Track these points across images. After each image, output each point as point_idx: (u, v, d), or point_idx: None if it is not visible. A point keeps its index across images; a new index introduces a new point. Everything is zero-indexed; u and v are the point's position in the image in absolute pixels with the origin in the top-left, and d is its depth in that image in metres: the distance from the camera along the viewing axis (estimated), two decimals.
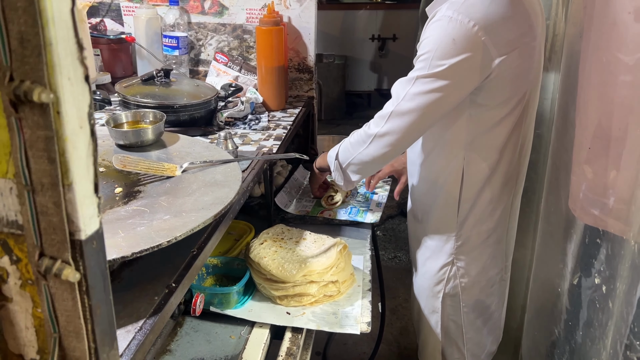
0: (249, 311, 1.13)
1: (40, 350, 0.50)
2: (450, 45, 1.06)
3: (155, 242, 0.78)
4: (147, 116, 1.26)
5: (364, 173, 1.31)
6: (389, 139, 1.18)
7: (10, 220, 0.45)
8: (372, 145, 1.21)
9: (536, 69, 1.20)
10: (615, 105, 0.98)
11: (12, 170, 0.43)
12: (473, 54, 1.06)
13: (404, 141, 1.20)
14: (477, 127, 1.20)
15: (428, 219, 1.36)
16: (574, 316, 1.18)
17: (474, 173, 1.25)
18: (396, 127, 1.16)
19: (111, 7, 1.92)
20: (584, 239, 1.14)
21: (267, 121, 1.58)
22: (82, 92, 0.41)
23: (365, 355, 2.16)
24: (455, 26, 1.05)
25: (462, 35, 1.05)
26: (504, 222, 1.34)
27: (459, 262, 1.33)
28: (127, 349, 0.68)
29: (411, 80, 1.12)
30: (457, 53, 1.06)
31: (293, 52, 1.85)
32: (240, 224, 1.45)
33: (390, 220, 3.26)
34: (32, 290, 0.47)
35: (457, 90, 1.12)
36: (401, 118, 1.15)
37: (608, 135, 1.01)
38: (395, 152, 1.22)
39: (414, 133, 1.19)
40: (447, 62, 1.07)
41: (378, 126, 1.18)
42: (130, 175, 1.03)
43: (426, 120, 1.15)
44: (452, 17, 1.05)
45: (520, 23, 1.11)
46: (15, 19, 0.37)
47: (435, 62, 1.08)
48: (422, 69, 1.10)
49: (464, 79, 1.10)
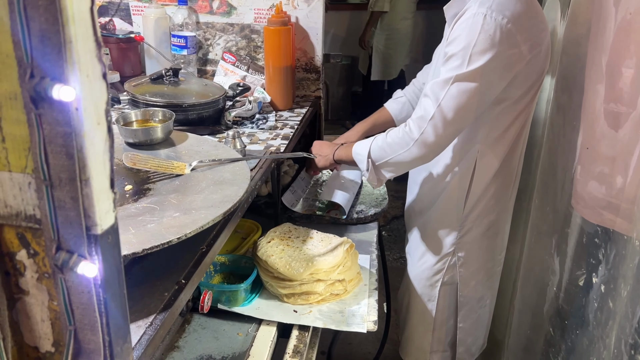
0: (256, 309, 1.14)
1: (55, 343, 0.51)
2: (487, 41, 1.09)
3: (165, 239, 0.79)
4: (156, 115, 1.27)
5: (397, 172, 1.30)
6: (432, 140, 1.18)
7: (28, 214, 0.46)
8: (415, 148, 1.20)
9: (546, 67, 1.24)
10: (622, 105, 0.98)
11: (31, 165, 0.44)
12: (508, 49, 1.10)
13: (446, 141, 1.21)
14: (495, 122, 1.24)
15: (432, 211, 1.39)
16: (570, 315, 1.18)
17: (485, 167, 1.28)
18: (440, 128, 1.16)
19: (120, 6, 1.93)
20: (581, 238, 1.14)
21: (274, 121, 1.59)
22: (99, 89, 0.42)
23: (370, 355, 2.17)
24: (490, 22, 1.08)
25: (498, 31, 1.08)
26: (504, 215, 1.40)
27: (459, 253, 1.38)
28: (138, 344, 0.69)
29: (449, 80, 1.13)
30: (493, 48, 1.09)
31: (300, 52, 1.86)
32: (248, 223, 1.46)
33: (396, 220, 3.26)
34: (48, 284, 0.48)
35: (494, 85, 1.14)
36: (443, 119, 1.15)
37: (614, 135, 1.01)
38: (437, 152, 1.23)
39: (457, 131, 1.20)
40: (485, 57, 1.09)
41: (420, 128, 1.18)
42: (139, 173, 1.04)
43: (468, 118, 1.17)
44: (485, 14, 1.09)
45: (540, 21, 1.17)
46: (37, 17, 0.38)
47: (473, 57, 1.10)
48: (459, 66, 1.12)
49: (501, 73, 1.13)
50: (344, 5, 5.06)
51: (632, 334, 0.89)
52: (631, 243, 0.93)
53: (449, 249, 1.39)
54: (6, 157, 0.44)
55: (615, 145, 1.01)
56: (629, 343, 0.90)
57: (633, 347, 0.89)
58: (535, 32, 1.14)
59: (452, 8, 1.22)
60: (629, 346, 0.90)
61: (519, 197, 1.57)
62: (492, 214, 1.36)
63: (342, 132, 2.00)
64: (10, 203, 0.46)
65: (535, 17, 1.16)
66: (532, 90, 1.22)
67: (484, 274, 1.44)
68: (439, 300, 1.43)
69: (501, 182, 1.33)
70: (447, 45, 1.16)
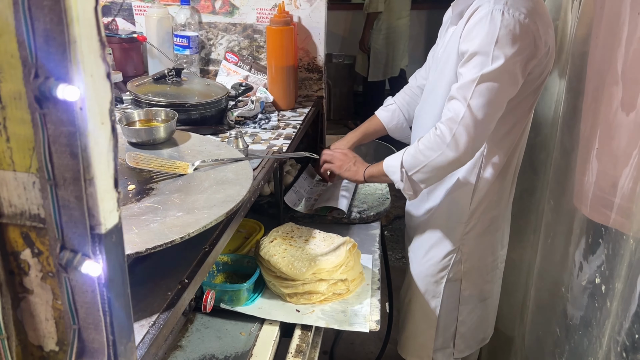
0: (259, 308, 1.14)
1: (59, 342, 0.51)
2: (509, 36, 1.10)
3: (168, 239, 0.79)
4: (159, 115, 1.27)
5: (433, 180, 1.28)
6: (465, 140, 1.18)
7: (32, 213, 0.46)
8: (447, 150, 1.19)
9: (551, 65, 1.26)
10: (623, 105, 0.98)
11: (36, 165, 0.44)
12: (528, 44, 1.12)
13: (480, 139, 1.21)
14: (502, 119, 1.24)
15: (438, 208, 1.40)
16: (574, 315, 1.18)
17: (491, 163, 1.30)
18: (471, 127, 1.16)
19: (123, 6, 1.93)
20: (587, 238, 1.14)
21: (277, 120, 1.59)
22: (103, 89, 0.43)
23: (372, 355, 2.17)
24: (509, 18, 1.10)
25: (518, 26, 1.10)
26: (505, 211, 1.42)
27: (463, 248, 1.39)
28: (142, 343, 0.69)
29: (475, 79, 1.13)
30: (516, 43, 1.10)
31: (303, 52, 1.86)
32: (250, 222, 1.46)
33: (398, 220, 3.26)
34: (52, 283, 0.48)
35: (517, 80, 1.15)
36: (473, 118, 1.15)
37: (613, 133, 1.01)
38: (473, 152, 1.22)
39: (488, 129, 1.20)
40: (508, 53, 1.10)
41: (452, 130, 1.18)
42: (142, 173, 1.04)
43: (497, 114, 1.18)
44: (503, 10, 1.10)
45: (547, 19, 1.19)
46: (42, 17, 0.38)
47: (497, 54, 1.10)
48: (483, 64, 1.12)
49: (523, 68, 1.14)
50: (346, 5, 5.06)
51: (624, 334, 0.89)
52: (627, 242, 0.93)
53: (454, 245, 1.40)
54: (11, 157, 0.44)
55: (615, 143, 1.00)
56: (621, 342, 0.90)
57: (624, 348, 0.89)
58: (546, 29, 1.16)
59: (458, 5, 1.23)
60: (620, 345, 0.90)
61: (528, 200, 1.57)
62: (495, 210, 1.38)
63: (344, 131, 2.00)
64: (14, 202, 0.46)
65: (544, 15, 1.18)
66: (539, 88, 1.24)
67: (486, 270, 1.45)
68: (444, 296, 1.44)
69: (504, 179, 1.35)
70: (463, 43, 1.16)
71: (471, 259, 1.41)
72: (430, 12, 4.86)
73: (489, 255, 1.44)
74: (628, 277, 0.90)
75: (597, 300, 1.06)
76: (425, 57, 1.56)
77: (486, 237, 1.40)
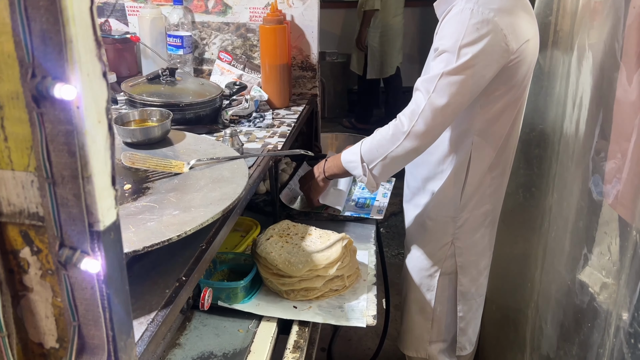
0: (257, 305, 1.15)
1: (59, 339, 0.51)
2: (474, 33, 1.12)
3: (165, 237, 0.80)
4: (153, 114, 1.28)
5: (391, 171, 1.30)
6: (424, 131, 1.20)
7: (31, 212, 0.47)
8: (407, 141, 1.21)
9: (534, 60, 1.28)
10: None
11: (34, 163, 0.45)
12: (495, 40, 1.13)
13: (438, 132, 1.23)
14: (487, 113, 1.27)
15: (430, 202, 1.41)
16: (581, 309, 1.19)
17: (480, 158, 1.31)
18: (430, 120, 1.18)
19: (115, 7, 1.93)
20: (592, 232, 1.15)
21: (271, 119, 1.59)
22: (100, 87, 0.43)
23: (369, 351, 2.18)
24: (477, 16, 1.12)
25: (485, 24, 1.11)
26: (498, 205, 1.44)
27: (457, 243, 1.41)
28: (141, 340, 0.70)
29: (438, 75, 1.15)
30: (481, 40, 1.12)
31: (296, 50, 1.86)
32: (246, 221, 1.47)
33: (394, 217, 3.27)
34: (52, 280, 0.49)
35: (482, 77, 1.17)
36: (434, 111, 1.17)
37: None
38: (428, 144, 1.24)
39: (448, 122, 1.22)
40: (473, 48, 1.12)
41: (412, 121, 1.20)
42: (138, 172, 1.05)
43: (458, 109, 1.20)
44: (472, 9, 1.12)
45: (527, 13, 1.20)
46: (38, 17, 0.39)
47: (462, 51, 1.12)
48: (448, 61, 1.14)
49: (489, 66, 1.16)
50: (339, 3, 5.06)
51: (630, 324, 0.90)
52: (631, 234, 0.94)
53: (447, 239, 1.41)
54: (9, 156, 0.45)
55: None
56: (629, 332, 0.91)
57: (632, 336, 0.90)
58: (522, 24, 1.17)
59: (441, 5, 1.25)
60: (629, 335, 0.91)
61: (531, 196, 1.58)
62: (488, 203, 1.39)
63: (339, 129, 2.00)
64: (13, 201, 0.47)
65: (522, 10, 1.18)
66: (522, 82, 1.25)
67: (484, 264, 1.47)
68: (438, 290, 1.45)
69: (496, 173, 1.36)
70: (436, 40, 1.19)
71: (466, 253, 1.42)
72: (423, 10, 4.87)
73: (486, 249, 1.45)
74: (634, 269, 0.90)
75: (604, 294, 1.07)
76: (419, 55, 1.58)
77: (481, 231, 1.41)
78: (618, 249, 1.05)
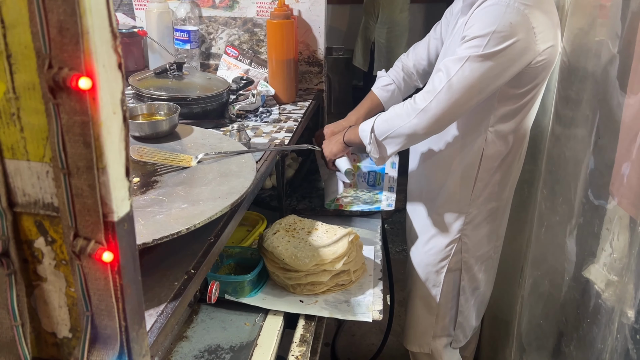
0: (263, 299, 1.15)
1: (72, 328, 0.52)
2: (507, 29, 1.12)
3: (174, 230, 0.80)
4: (161, 108, 1.28)
5: (399, 146, 1.31)
6: (434, 113, 1.20)
7: (46, 202, 0.47)
8: (416, 119, 1.22)
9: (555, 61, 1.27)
10: None
11: (49, 154, 0.45)
12: (525, 39, 1.14)
13: (449, 117, 1.22)
14: (504, 110, 1.27)
15: (440, 197, 1.41)
16: (581, 304, 1.19)
17: (492, 154, 1.32)
18: (444, 102, 1.18)
19: (123, 1, 1.93)
20: (592, 228, 1.15)
21: (278, 114, 1.59)
22: (115, 79, 0.43)
23: (373, 347, 2.18)
24: (512, 12, 1.12)
25: (519, 21, 1.12)
26: (504, 202, 1.43)
27: (464, 239, 1.41)
28: (150, 332, 0.70)
29: (463, 59, 1.15)
30: (512, 36, 1.13)
31: (303, 46, 1.86)
32: (253, 215, 1.47)
33: (398, 213, 3.26)
34: (66, 270, 0.49)
35: (505, 72, 1.17)
36: (450, 94, 1.17)
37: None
38: (438, 127, 1.24)
39: (460, 110, 1.22)
40: (504, 43, 1.13)
41: (426, 100, 1.20)
42: (146, 166, 1.05)
43: (473, 99, 1.19)
44: (509, 3, 1.13)
45: (554, 15, 1.21)
46: (55, 8, 0.39)
47: (492, 41, 1.13)
48: (476, 47, 1.14)
49: (515, 62, 1.16)
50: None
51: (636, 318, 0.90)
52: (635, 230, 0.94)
53: (455, 235, 1.42)
54: (24, 147, 0.45)
55: None
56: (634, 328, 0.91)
57: (638, 332, 0.90)
58: (550, 25, 1.18)
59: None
60: (634, 331, 0.91)
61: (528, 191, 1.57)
62: (495, 200, 1.39)
63: None
64: (28, 192, 0.47)
65: (550, 12, 1.19)
66: (541, 82, 1.25)
67: (482, 259, 1.47)
68: (444, 285, 1.46)
69: (506, 170, 1.36)
70: (467, 30, 1.18)
71: (472, 249, 1.43)
72: (429, 6, 4.85)
73: (485, 245, 1.46)
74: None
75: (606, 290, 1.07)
76: None
77: (484, 227, 1.42)
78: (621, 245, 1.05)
